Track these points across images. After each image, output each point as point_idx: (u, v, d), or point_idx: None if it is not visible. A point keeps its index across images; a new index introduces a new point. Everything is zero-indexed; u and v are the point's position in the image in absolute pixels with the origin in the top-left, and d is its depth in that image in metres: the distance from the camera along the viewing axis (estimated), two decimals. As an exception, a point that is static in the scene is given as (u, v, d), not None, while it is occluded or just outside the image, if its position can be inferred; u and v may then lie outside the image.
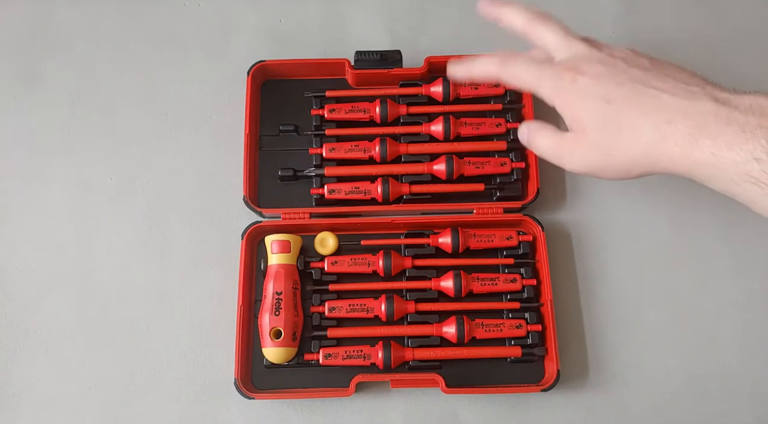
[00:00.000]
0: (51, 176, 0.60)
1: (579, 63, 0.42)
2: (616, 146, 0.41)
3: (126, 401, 0.54)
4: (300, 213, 0.57)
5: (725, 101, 0.37)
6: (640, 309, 0.57)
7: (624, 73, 0.40)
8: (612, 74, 0.41)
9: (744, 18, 0.66)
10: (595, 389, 0.55)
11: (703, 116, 0.37)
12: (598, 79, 0.41)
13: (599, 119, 0.41)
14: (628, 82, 0.40)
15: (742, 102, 0.37)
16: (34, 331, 0.56)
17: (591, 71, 0.41)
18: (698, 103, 0.38)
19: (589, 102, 0.41)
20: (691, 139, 0.37)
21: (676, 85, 0.39)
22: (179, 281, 0.57)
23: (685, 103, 0.38)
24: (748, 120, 0.36)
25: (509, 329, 0.54)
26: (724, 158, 0.36)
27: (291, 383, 0.54)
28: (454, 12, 0.66)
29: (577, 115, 0.42)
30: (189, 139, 0.61)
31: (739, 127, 0.36)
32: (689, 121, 0.37)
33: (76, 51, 0.64)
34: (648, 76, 0.40)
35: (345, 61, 0.60)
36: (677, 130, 0.38)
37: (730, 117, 0.36)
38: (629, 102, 0.39)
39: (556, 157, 0.44)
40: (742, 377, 0.55)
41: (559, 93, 0.42)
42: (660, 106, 0.39)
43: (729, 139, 0.36)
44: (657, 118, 0.38)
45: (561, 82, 0.42)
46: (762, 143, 0.34)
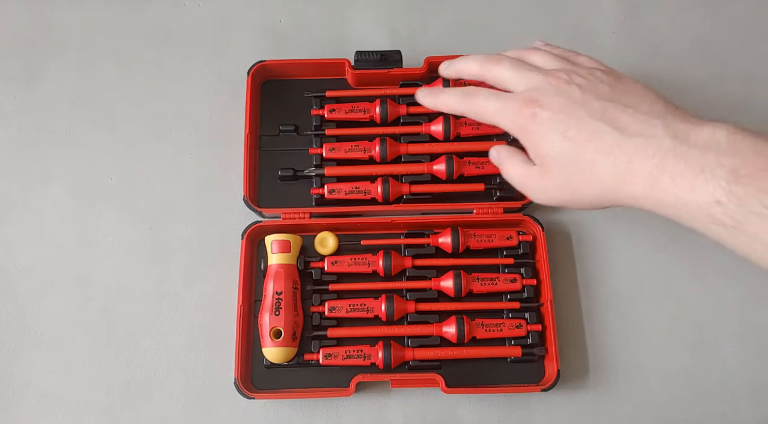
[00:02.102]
0: (51, 176, 0.60)
1: (537, 95, 0.41)
2: (578, 183, 0.40)
3: (126, 401, 0.54)
4: (300, 213, 0.57)
5: (684, 137, 0.36)
6: (640, 309, 0.57)
7: (582, 106, 0.39)
8: (570, 108, 0.39)
9: (744, 18, 0.66)
10: (595, 389, 0.55)
11: (662, 155, 0.36)
12: (557, 114, 0.39)
13: (560, 157, 0.40)
14: (586, 117, 0.39)
15: (701, 137, 0.35)
16: (34, 331, 0.56)
17: (549, 105, 0.40)
18: (657, 142, 0.36)
19: (549, 139, 0.40)
20: (651, 179, 0.36)
21: (635, 117, 0.38)
22: (179, 281, 0.57)
23: (643, 141, 0.36)
24: (707, 159, 0.34)
25: (509, 328, 0.54)
26: (687, 200, 0.35)
27: (291, 383, 0.54)
28: (454, 12, 0.66)
29: (539, 151, 0.41)
30: (189, 139, 0.61)
31: (699, 167, 0.34)
32: (648, 161, 0.36)
33: (76, 51, 0.64)
34: (607, 109, 0.39)
35: (345, 61, 0.60)
36: (637, 170, 0.36)
37: (689, 156, 0.35)
38: (588, 140, 0.38)
39: (524, 188, 0.43)
40: (742, 377, 0.55)
41: (520, 129, 0.41)
42: (619, 145, 0.37)
43: (690, 181, 0.34)
44: (617, 157, 0.37)
45: (521, 119, 0.41)
46: (722, 185, 0.33)
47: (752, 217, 0.32)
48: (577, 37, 0.65)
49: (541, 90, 0.41)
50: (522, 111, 0.41)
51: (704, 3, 0.66)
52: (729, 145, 0.34)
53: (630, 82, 0.41)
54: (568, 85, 0.40)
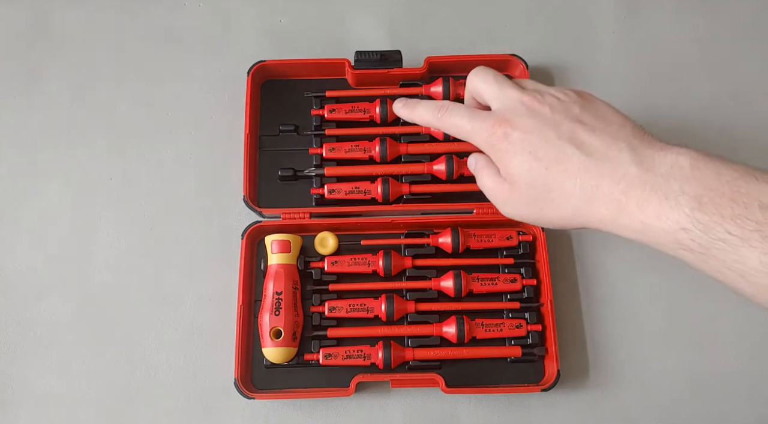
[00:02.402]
0: (51, 176, 0.60)
1: (510, 115, 0.41)
2: (546, 204, 0.40)
3: (126, 401, 0.54)
4: (300, 213, 0.57)
5: (649, 164, 0.36)
6: (640, 309, 0.57)
7: (552, 127, 0.40)
8: (540, 129, 0.40)
9: (744, 18, 0.66)
10: (595, 389, 0.55)
11: (628, 182, 0.36)
12: (528, 135, 0.40)
13: (529, 177, 0.40)
14: (555, 139, 0.39)
15: (665, 163, 0.35)
16: (34, 331, 0.56)
17: (521, 125, 0.40)
18: (622, 168, 0.36)
19: (518, 159, 0.40)
20: (618, 205, 0.36)
21: (603, 140, 0.38)
22: (179, 281, 0.57)
23: (610, 166, 0.37)
24: (670, 187, 0.34)
25: (509, 328, 0.54)
26: (653, 227, 0.35)
27: (291, 383, 0.54)
28: (454, 12, 0.66)
29: (509, 170, 0.42)
30: (189, 139, 0.61)
31: (663, 195, 0.34)
32: (615, 187, 0.36)
33: (76, 51, 0.64)
34: (576, 130, 0.39)
35: (345, 61, 0.60)
36: (604, 195, 0.37)
37: (654, 184, 0.35)
38: (557, 161, 0.39)
39: (494, 200, 0.44)
40: (742, 377, 0.55)
41: (491, 147, 0.42)
42: (586, 168, 0.37)
43: (655, 209, 0.35)
44: (584, 180, 0.38)
45: (493, 138, 0.41)
46: (686, 212, 0.33)
47: (717, 243, 0.33)
48: (577, 37, 0.65)
49: (513, 110, 0.41)
50: (494, 130, 0.41)
51: (704, 3, 0.66)
52: (692, 172, 0.34)
53: (601, 105, 0.41)
54: (540, 105, 0.41)
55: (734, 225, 0.32)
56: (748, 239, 0.32)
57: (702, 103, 0.63)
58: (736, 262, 0.32)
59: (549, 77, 0.63)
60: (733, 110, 0.63)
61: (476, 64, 0.61)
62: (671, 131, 0.62)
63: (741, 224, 0.32)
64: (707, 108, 0.63)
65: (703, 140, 0.61)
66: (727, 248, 0.32)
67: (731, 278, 0.33)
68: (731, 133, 0.62)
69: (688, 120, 0.62)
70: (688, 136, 0.62)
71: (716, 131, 0.62)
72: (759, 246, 0.31)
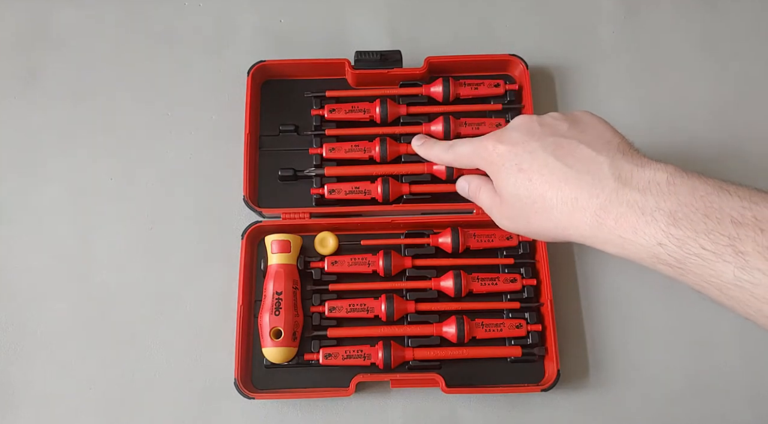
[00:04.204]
0: (51, 176, 0.60)
1: (502, 132, 0.43)
2: (532, 216, 0.41)
3: (126, 401, 0.54)
4: (300, 213, 0.57)
5: (627, 179, 0.36)
6: (640, 309, 0.57)
7: (537, 140, 0.41)
8: (526, 142, 0.41)
9: (744, 18, 0.66)
10: (595, 389, 0.55)
11: (606, 196, 0.37)
12: (514, 147, 0.41)
13: (515, 189, 0.41)
14: (539, 150, 0.40)
15: (643, 179, 0.36)
16: (34, 331, 0.56)
17: (510, 139, 0.42)
18: (601, 182, 0.37)
19: (506, 172, 0.42)
20: (597, 219, 0.37)
21: (586, 154, 0.39)
22: (179, 281, 0.57)
23: (590, 180, 0.38)
24: (647, 202, 0.35)
25: (509, 328, 0.54)
26: (631, 241, 0.36)
27: (291, 383, 0.54)
28: (454, 12, 0.66)
29: (498, 183, 0.43)
30: (189, 139, 0.61)
31: (640, 211, 0.35)
32: (593, 201, 0.37)
33: (76, 50, 0.64)
34: (561, 144, 0.40)
35: (345, 61, 0.60)
36: (583, 209, 0.37)
37: (631, 199, 0.36)
38: (539, 173, 0.40)
39: (491, 215, 0.46)
40: (742, 377, 0.55)
41: (487, 164, 0.44)
42: (567, 180, 0.38)
43: (632, 224, 0.35)
44: (564, 192, 0.38)
45: (485, 152, 0.44)
46: (662, 227, 0.34)
47: (692, 258, 0.33)
48: (577, 37, 0.65)
49: (507, 128, 0.44)
50: (486, 146, 0.43)
51: (704, 3, 0.66)
52: (668, 188, 0.35)
53: (591, 120, 0.42)
54: (531, 122, 0.43)
55: (708, 240, 0.32)
56: (721, 254, 0.32)
57: (702, 103, 0.63)
58: (712, 276, 0.33)
59: (549, 77, 0.63)
60: (733, 110, 0.63)
61: (476, 64, 0.61)
62: (671, 131, 0.62)
63: (714, 239, 0.32)
64: (707, 108, 0.63)
65: (703, 140, 0.61)
66: (703, 263, 0.33)
67: (710, 291, 0.34)
68: (731, 134, 0.62)
69: (688, 120, 0.62)
70: (687, 136, 0.62)
71: (716, 131, 0.62)
72: (732, 260, 0.32)
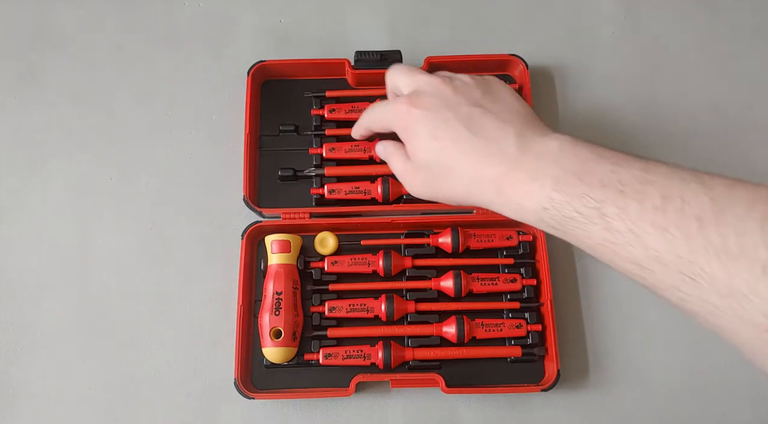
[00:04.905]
0: (51, 176, 0.60)
1: (417, 95, 0.43)
2: (442, 183, 0.42)
3: (126, 401, 0.54)
4: (300, 213, 0.57)
5: (527, 148, 0.38)
6: (640, 309, 0.57)
7: (452, 109, 0.41)
8: (440, 109, 0.42)
9: (744, 18, 0.66)
10: (595, 389, 0.55)
11: (507, 164, 0.38)
12: (429, 112, 0.42)
13: (427, 156, 0.42)
14: (453, 119, 0.41)
15: (540, 147, 0.38)
16: (34, 331, 0.56)
17: (424, 103, 0.42)
18: (505, 152, 0.38)
19: (420, 138, 0.42)
20: (498, 186, 0.38)
21: (495, 124, 0.40)
22: (179, 281, 0.57)
23: (495, 149, 0.39)
24: (538, 168, 0.37)
25: (509, 328, 0.54)
26: (524, 206, 0.37)
27: (291, 383, 0.54)
28: (454, 12, 0.66)
29: (411, 149, 0.44)
30: (189, 139, 0.61)
31: (532, 177, 0.37)
32: (497, 168, 0.38)
33: (76, 51, 0.64)
34: (473, 114, 0.41)
35: (345, 61, 0.60)
36: (488, 176, 0.39)
37: (526, 166, 0.37)
38: (452, 142, 0.40)
39: (403, 181, 0.46)
40: (742, 377, 0.55)
41: (400, 128, 0.44)
42: (476, 150, 0.39)
43: (525, 189, 0.37)
44: (473, 161, 0.39)
45: (399, 115, 0.44)
46: (546, 192, 0.35)
47: (569, 221, 0.35)
48: (577, 37, 0.65)
49: (421, 90, 0.43)
50: (401, 109, 0.44)
51: (704, 3, 0.66)
52: (558, 155, 0.36)
53: (504, 91, 0.43)
54: (445, 85, 0.43)
55: (580, 203, 0.34)
56: (590, 217, 0.34)
57: (702, 103, 0.63)
58: (586, 237, 0.35)
59: (549, 77, 0.63)
60: (733, 110, 0.63)
61: (476, 64, 0.61)
62: (671, 131, 0.62)
63: (585, 202, 0.34)
64: (707, 108, 0.63)
65: (703, 140, 0.61)
66: (577, 225, 0.35)
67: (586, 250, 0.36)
68: (731, 133, 0.62)
69: (688, 120, 0.62)
70: (687, 135, 0.62)
71: (716, 131, 0.62)
72: (599, 222, 0.33)
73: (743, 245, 0.28)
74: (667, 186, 0.32)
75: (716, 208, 0.30)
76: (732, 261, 0.28)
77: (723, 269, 0.28)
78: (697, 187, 0.31)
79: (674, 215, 0.31)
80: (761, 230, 0.28)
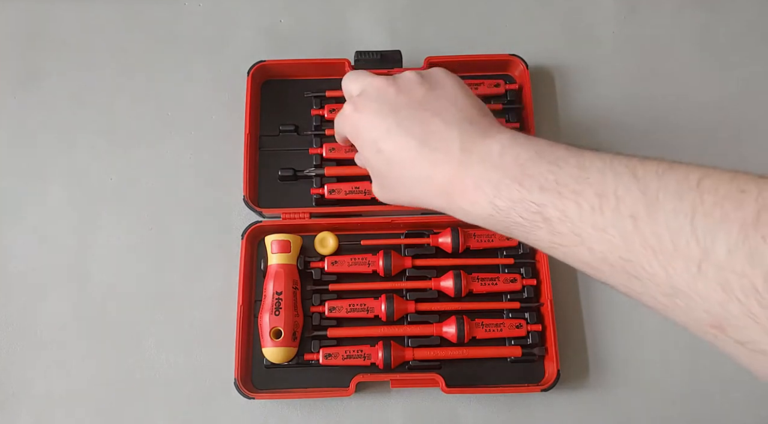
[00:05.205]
0: (51, 176, 0.60)
1: (361, 98, 0.42)
2: (396, 189, 0.42)
3: (126, 401, 0.54)
4: (300, 213, 0.57)
5: (470, 150, 0.37)
6: (641, 309, 0.56)
7: (394, 114, 0.40)
8: (383, 115, 0.40)
9: (744, 18, 0.66)
10: (595, 389, 0.55)
11: (453, 170, 0.37)
12: (372, 118, 0.40)
13: (377, 165, 0.42)
14: (395, 128, 0.39)
15: (482, 150, 0.36)
16: (33, 331, 0.56)
17: (367, 108, 0.41)
18: (449, 157, 0.37)
19: (365, 148, 0.42)
20: (446, 193, 0.37)
21: (438, 127, 0.38)
22: (179, 281, 0.57)
23: (440, 156, 0.38)
24: (479, 173, 0.35)
25: (509, 328, 0.54)
26: (471, 212, 0.36)
27: (291, 383, 0.54)
28: (454, 12, 0.66)
29: (363, 158, 0.43)
30: (189, 139, 0.61)
31: (474, 184, 0.35)
32: (441, 175, 0.37)
33: (76, 51, 0.64)
34: (415, 117, 0.39)
35: (345, 61, 0.60)
36: (435, 184, 0.38)
37: (471, 172, 0.36)
38: (395, 149, 0.39)
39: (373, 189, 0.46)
40: (742, 377, 0.55)
41: (350, 135, 0.44)
42: (421, 159, 0.38)
43: (470, 196, 0.36)
44: (418, 171, 0.39)
45: (345, 122, 0.43)
46: (489, 199, 0.35)
47: (515, 226, 0.34)
48: (577, 37, 0.65)
49: (364, 94, 0.42)
50: (345, 115, 0.43)
51: (704, 3, 0.66)
52: (498, 159, 0.35)
53: (450, 87, 0.41)
54: (388, 86, 0.41)
55: (522, 209, 0.33)
56: (534, 221, 0.33)
57: (702, 103, 0.63)
58: (535, 241, 0.34)
59: (549, 77, 0.63)
60: (733, 110, 0.63)
61: (476, 64, 0.61)
62: (671, 131, 0.62)
63: (526, 207, 0.33)
64: (707, 108, 0.63)
65: (703, 140, 0.61)
66: (524, 230, 0.34)
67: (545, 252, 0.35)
68: (731, 133, 0.62)
69: (688, 120, 0.62)
70: (687, 135, 0.62)
71: (716, 131, 0.62)
72: (544, 226, 0.32)
73: (677, 242, 0.27)
74: (601, 183, 0.31)
75: (648, 203, 0.28)
76: (669, 260, 0.27)
77: (662, 268, 0.28)
78: (630, 181, 0.30)
79: (611, 215, 0.30)
80: (691, 226, 0.27)
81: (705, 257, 0.26)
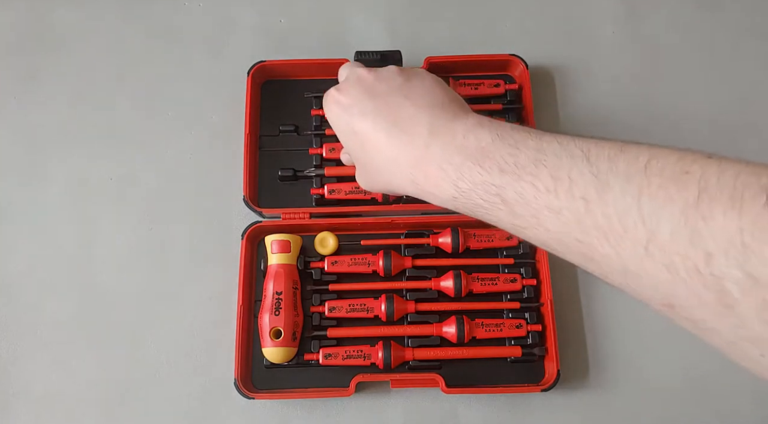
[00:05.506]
0: (51, 176, 0.60)
1: (343, 83, 0.44)
2: (372, 175, 0.43)
3: (126, 401, 0.54)
4: (300, 213, 0.57)
5: (437, 135, 0.37)
6: (640, 309, 0.56)
7: (371, 97, 0.41)
8: (360, 99, 0.41)
9: (744, 18, 0.66)
10: (595, 389, 0.55)
11: (419, 153, 0.37)
12: (350, 105, 0.42)
13: (353, 150, 0.43)
14: (371, 112, 0.40)
15: (448, 133, 0.37)
16: (34, 331, 0.56)
17: (347, 92, 0.42)
18: (416, 140, 0.38)
19: (343, 135, 0.43)
20: (412, 177, 0.38)
21: (410, 112, 0.39)
22: (179, 281, 0.57)
23: (408, 140, 0.38)
24: (444, 156, 0.36)
25: (509, 328, 0.54)
26: (437, 195, 0.37)
27: (291, 383, 0.54)
28: (454, 12, 0.66)
29: (343, 145, 0.44)
30: (189, 139, 0.61)
31: (438, 166, 0.36)
32: (409, 158, 0.38)
33: (76, 51, 0.64)
34: (390, 103, 0.40)
35: (345, 62, 0.60)
36: (404, 166, 0.38)
37: (435, 156, 0.36)
38: (369, 136, 0.40)
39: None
40: (742, 376, 0.55)
41: (327, 111, 0.45)
42: (390, 142, 0.39)
43: (435, 179, 0.36)
44: (388, 154, 0.39)
45: (328, 100, 0.44)
46: (453, 182, 0.35)
47: (477, 208, 0.35)
48: (577, 37, 0.65)
49: (347, 80, 0.44)
50: (327, 99, 0.44)
51: (704, 3, 0.66)
52: (462, 141, 0.36)
53: (428, 80, 0.42)
54: (368, 73, 0.43)
55: (483, 191, 0.34)
56: (494, 203, 0.33)
57: (702, 103, 0.63)
58: (497, 221, 0.34)
59: (549, 77, 0.63)
60: (733, 110, 0.63)
61: (476, 64, 0.61)
62: (671, 131, 0.62)
63: (487, 189, 0.33)
64: (707, 108, 0.63)
65: (703, 140, 0.61)
66: (485, 212, 0.34)
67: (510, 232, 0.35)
68: (731, 133, 0.62)
69: (688, 120, 0.62)
70: (687, 135, 0.62)
71: (716, 131, 0.62)
72: (504, 208, 0.33)
73: (625, 224, 0.27)
74: (556, 166, 0.31)
75: (599, 186, 0.29)
76: (619, 242, 0.28)
77: (613, 250, 0.28)
78: (583, 164, 0.30)
79: (565, 197, 0.30)
80: (638, 208, 0.27)
81: (651, 239, 0.26)
